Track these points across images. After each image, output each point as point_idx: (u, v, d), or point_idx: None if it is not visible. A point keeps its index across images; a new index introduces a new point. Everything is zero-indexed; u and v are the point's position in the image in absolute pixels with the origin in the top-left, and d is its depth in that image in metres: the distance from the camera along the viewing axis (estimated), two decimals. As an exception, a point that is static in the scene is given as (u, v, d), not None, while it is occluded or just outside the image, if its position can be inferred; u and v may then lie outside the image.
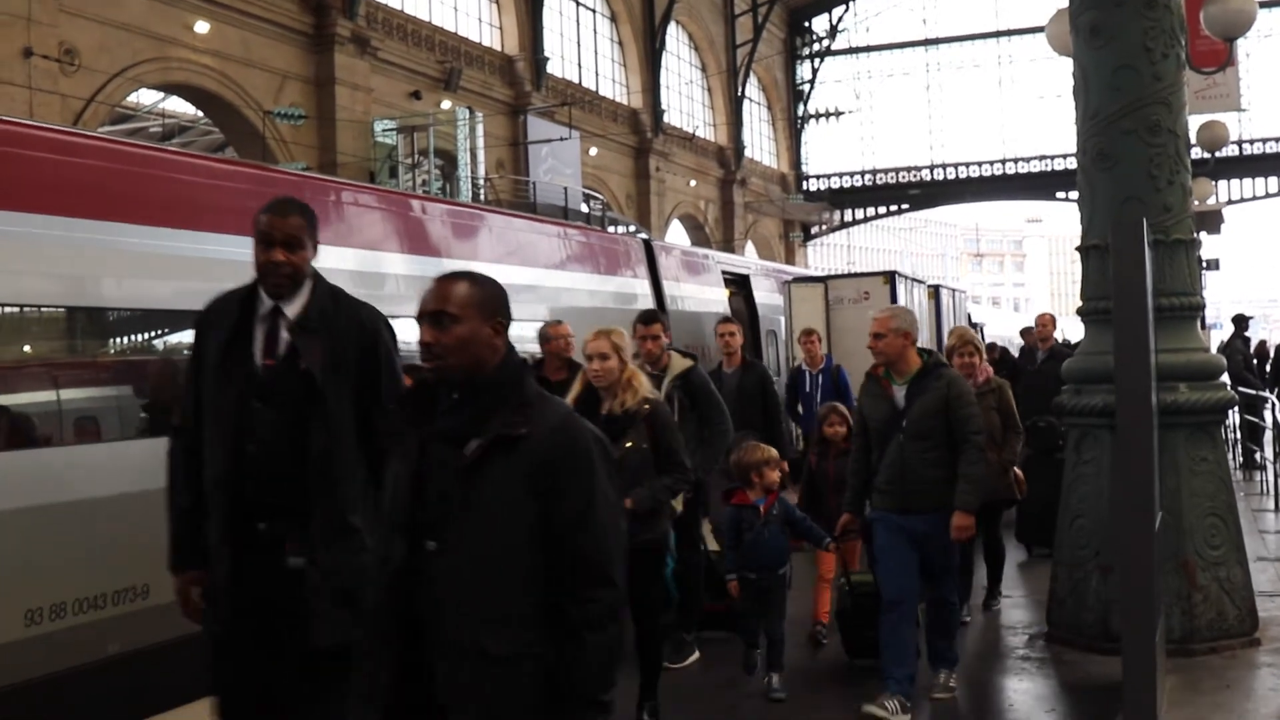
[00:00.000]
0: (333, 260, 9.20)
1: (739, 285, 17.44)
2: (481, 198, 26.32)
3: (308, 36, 24.86)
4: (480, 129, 28.04)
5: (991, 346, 16.47)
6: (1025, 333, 16.95)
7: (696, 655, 7.37)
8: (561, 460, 2.90)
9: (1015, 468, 8.30)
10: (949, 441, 6.14)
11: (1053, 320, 13.24)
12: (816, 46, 51.30)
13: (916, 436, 6.13)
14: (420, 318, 3.04)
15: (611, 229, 16.77)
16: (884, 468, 6.23)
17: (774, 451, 6.87)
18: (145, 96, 25.65)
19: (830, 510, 7.36)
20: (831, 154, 52.09)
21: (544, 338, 8.46)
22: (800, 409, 12.35)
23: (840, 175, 51.11)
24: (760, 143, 50.18)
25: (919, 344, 6.59)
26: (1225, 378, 8.15)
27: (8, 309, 6.75)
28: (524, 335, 11.93)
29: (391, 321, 4.57)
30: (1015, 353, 17.19)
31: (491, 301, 3.10)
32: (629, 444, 5.68)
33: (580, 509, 2.89)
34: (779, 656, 6.60)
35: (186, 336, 8.37)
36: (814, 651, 7.51)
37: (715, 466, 7.26)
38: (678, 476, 5.91)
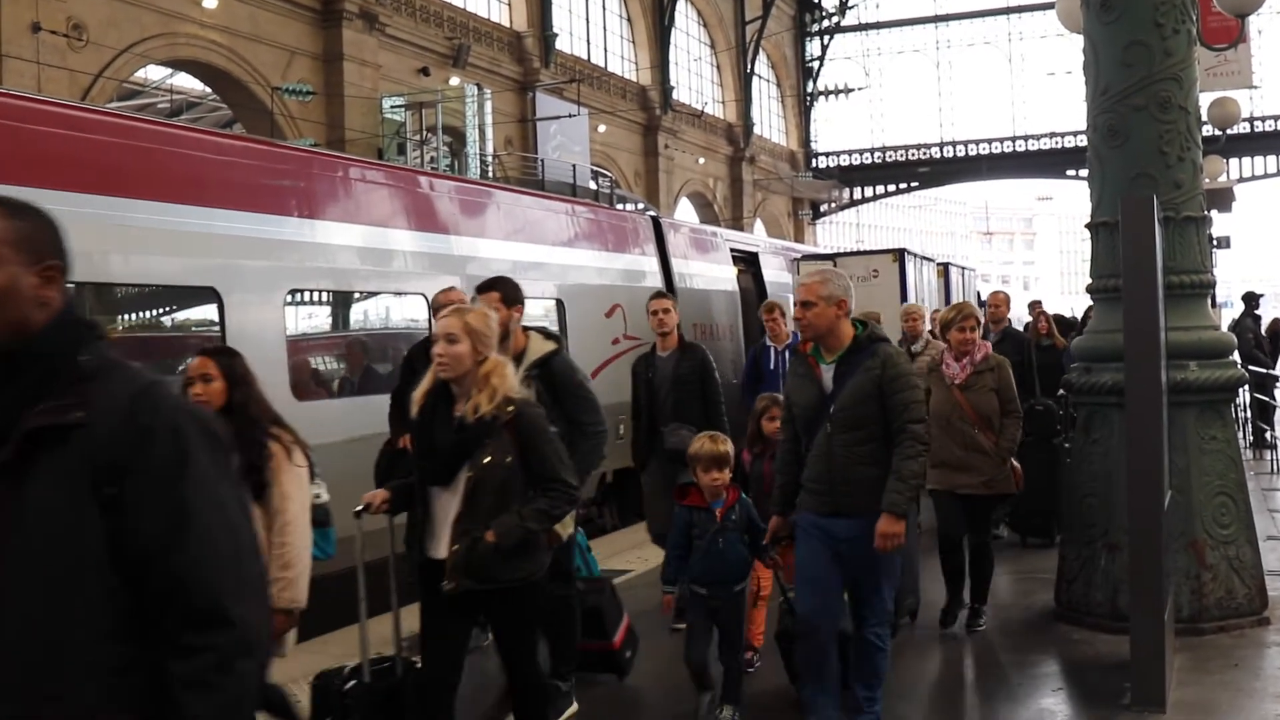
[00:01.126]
0: (340, 237, 9.20)
1: (748, 263, 17.40)
2: (490, 175, 26.26)
3: (316, 12, 24.79)
4: (489, 106, 27.94)
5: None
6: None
7: (575, 707, 6.00)
8: (132, 454, 2.06)
9: (1013, 458, 7.37)
10: (885, 433, 5.21)
11: (1006, 300, 11.77)
12: (826, 23, 51.04)
13: (846, 426, 5.21)
14: None
15: (620, 206, 16.72)
16: (810, 462, 5.33)
17: (728, 447, 5.72)
18: (153, 73, 25.61)
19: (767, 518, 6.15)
20: (841, 131, 51.91)
21: (436, 306, 6.52)
22: (765, 387, 11.29)
23: (850, 153, 50.92)
24: (769, 120, 50.00)
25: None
26: (1235, 356, 8.08)
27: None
28: (532, 314, 11.98)
29: (401, 300, 4.59)
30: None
31: (37, 238, 2.18)
32: (487, 459, 4.53)
33: (167, 522, 2.06)
34: (735, 689, 5.66)
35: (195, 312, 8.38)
36: (748, 680, 6.14)
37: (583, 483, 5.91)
38: (557, 497, 4.68)
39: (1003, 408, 7.31)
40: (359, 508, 4.99)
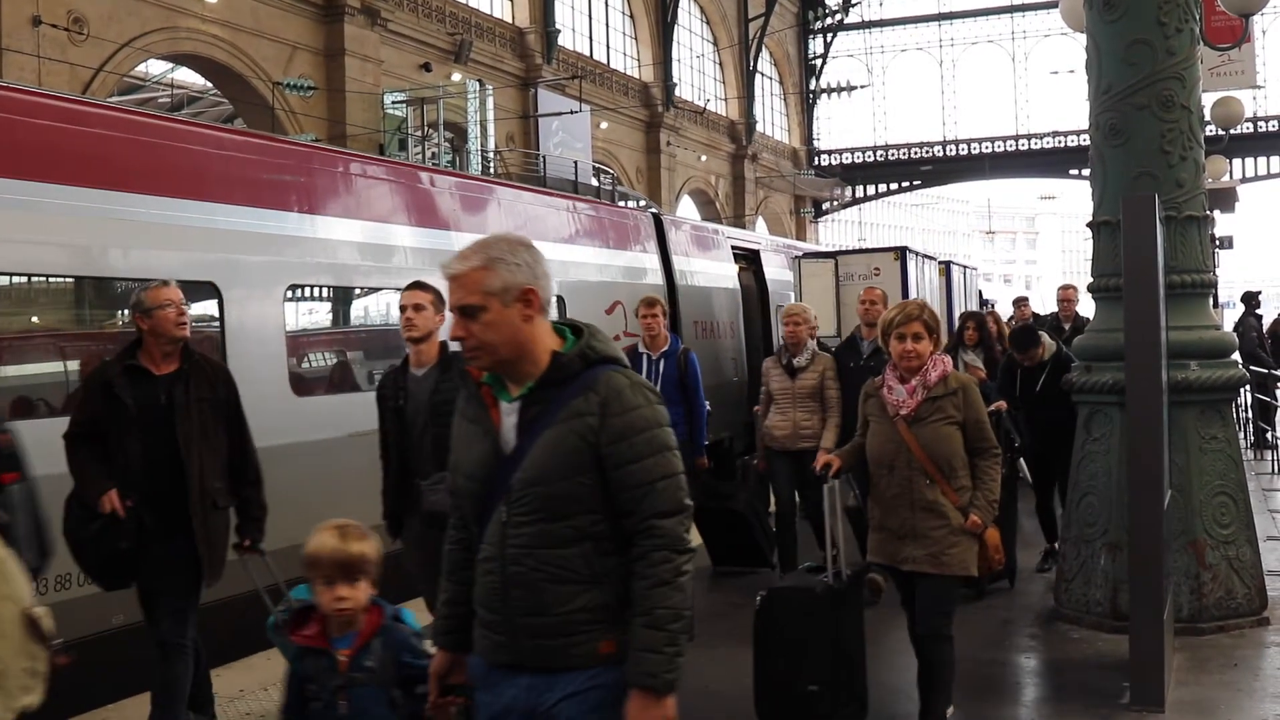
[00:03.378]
0: (340, 233, 9.19)
1: (749, 261, 17.39)
2: (491, 171, 26.26)
3: (317, 7, 24.78)
4: (490, 102, 27.95)
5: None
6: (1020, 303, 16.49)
7: None
8: None
9: (989, 527, 5.26)
10: (609, 525, 2.94)
11: (883, 297, 9.01)
12: (829, 20, 51.02)
13: (534, 511, 2.92)
14: None
15: (621, 203, 16.71)
16: (480, 573, 3.02)
17: (365, 545, 3.45)
18: (154, 67, 25.60)
19: None
20: (844, 129, 51.87)
21: (141, 308, 5.51)
22: None
23: (852, 151, 50.91)
24: (772, 117, 49.98)
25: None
26: (1236, 356, 8.07)
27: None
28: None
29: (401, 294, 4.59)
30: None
31: None
32: None
33: None
34: None
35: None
36: None
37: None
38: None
39: (972, 446, 5.30)
40: None
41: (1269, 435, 16.18)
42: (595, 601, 2.92)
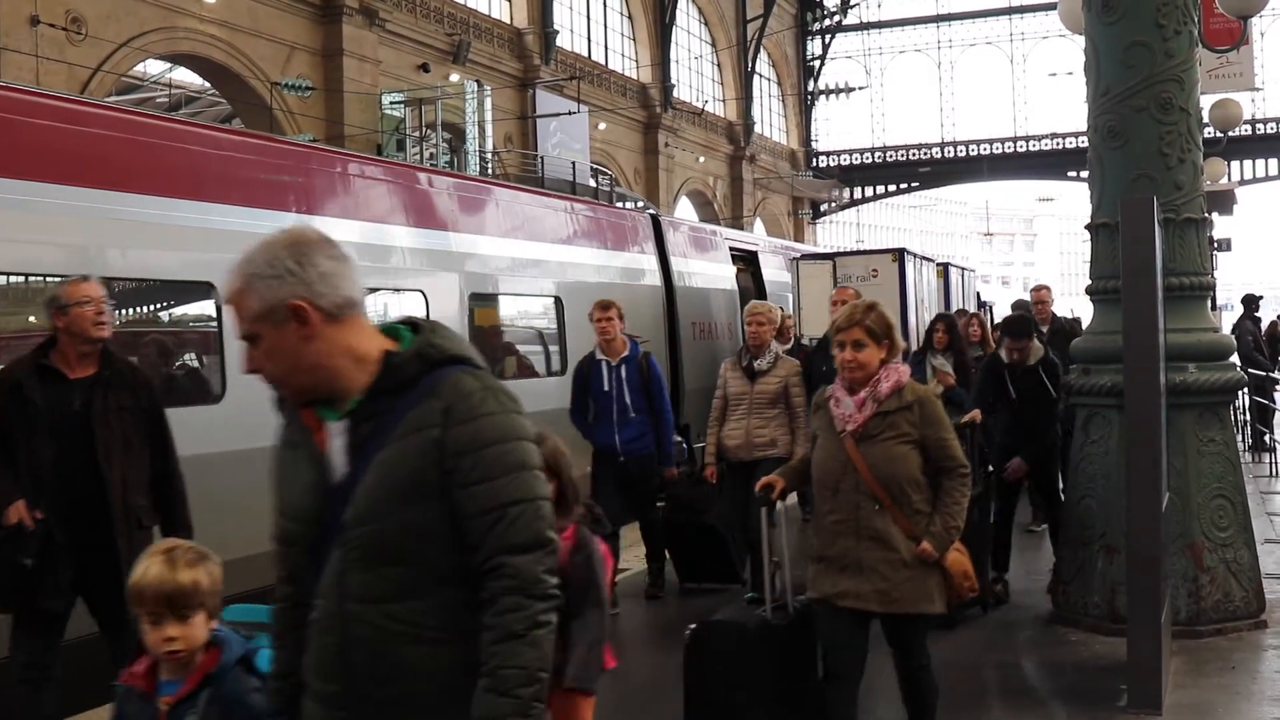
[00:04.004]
0: (339, 233, 9.17)
1: (747, 262, 17.39)
2: (489, 171, 26.25)
3: (315, 7, 24.76)
4: (488, 102, 27.94)
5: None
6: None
7: None
8: None
9: (960, 555, 4.68)
10: (459, 572, 2.38)
11: (856, 297, 7.85)
12: (827, 21, 51.01)
13: (372, 550, 2.37)
14: None
15: (619, 204, 16.71)
16: (314, 633, 2.46)
17: (199, 573, 2.91)
18: (152, 67, 25.59)
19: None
20: (842, 131, 51.87)
21: (57, 304, 5.10)
22: (593, 412, 8.46)
23: (850, 152, 50.90)
24: (770, 119, 49.99)
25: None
26: (1235, 358, 8.06)
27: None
28: (529, 311, 11.96)
29: (398, 296, 4.53)
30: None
31: None
32: None
33: None
34: None
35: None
36: None
37: None
38: None
39: (936, 465, 4.67)
40: None
41: (1267, 438, 16.19)
42: (459, 662, 2.33)
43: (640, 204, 20.02)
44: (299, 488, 2.46)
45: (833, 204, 52.17)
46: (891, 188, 51.65)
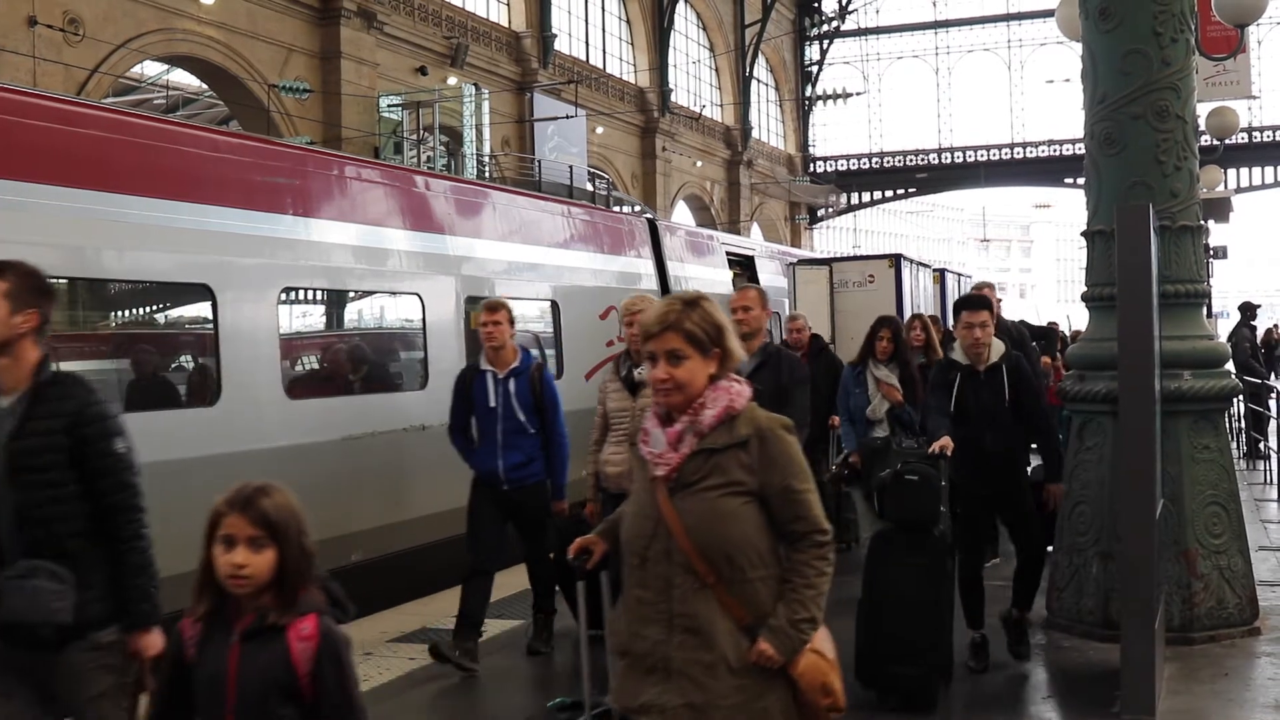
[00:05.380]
0: (335, 236, 9.18)
1: (744, 267, 17.41)
2: (486, 175, 26.25)
3: (313, 10, 24.77)
4: (486, 106, 27.96)
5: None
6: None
7: None
8: None
9: (819, 659, 3.14)
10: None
11: (759, 300, 6.72)
12: (825, 27, 51.10)
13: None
14: None
15: (616, 208, 16.71)
16: None
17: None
18: (150, 68, 25.58)
19: None
20: (839, 136, 51.98)
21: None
22: (476, 430, 7.27)
23: (848, 158, 51.01)
24: (767, 124, 50.04)
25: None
26: (1230, 366, 8.06)
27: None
28: (525, 314, 11.95)
29: (395, 299, 4.49)
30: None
31: None
32: None
33: None
34: None
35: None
36: None
37: None
38: None
39: (782, 528, 3.17)
40: None
41: (1262, 445, 16.20)
42: None
43: (637, 208, 20.03)
44: None
45: (830, 209, 52.21)
46: (888, 193, 51.71)
